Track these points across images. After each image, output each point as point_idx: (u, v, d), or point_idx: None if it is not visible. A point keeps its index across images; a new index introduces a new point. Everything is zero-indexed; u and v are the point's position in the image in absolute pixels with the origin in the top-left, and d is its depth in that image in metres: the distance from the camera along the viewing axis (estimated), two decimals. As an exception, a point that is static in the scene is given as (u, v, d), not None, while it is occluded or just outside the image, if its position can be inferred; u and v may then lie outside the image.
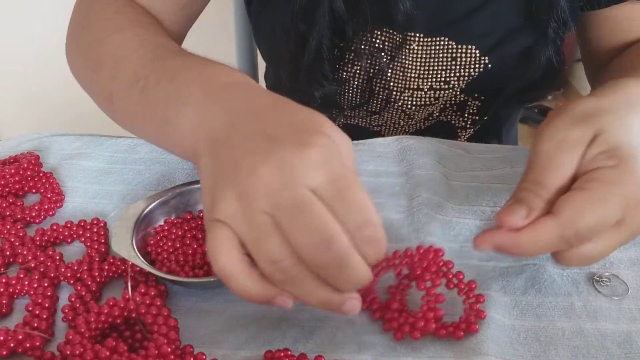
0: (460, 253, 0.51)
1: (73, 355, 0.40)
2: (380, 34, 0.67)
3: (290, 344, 0.43)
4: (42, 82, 1.62)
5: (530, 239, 0.40)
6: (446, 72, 0.69)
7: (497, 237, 0.41)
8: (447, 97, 0.71)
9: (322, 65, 0.66)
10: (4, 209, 0.55)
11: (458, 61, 0.68)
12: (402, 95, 0.71)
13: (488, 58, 0.67)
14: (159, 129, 0.46)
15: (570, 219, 0.39)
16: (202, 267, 0.48)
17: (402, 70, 0.69)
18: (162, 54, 0.49)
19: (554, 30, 0.64)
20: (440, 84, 0.70)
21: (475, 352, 0.42)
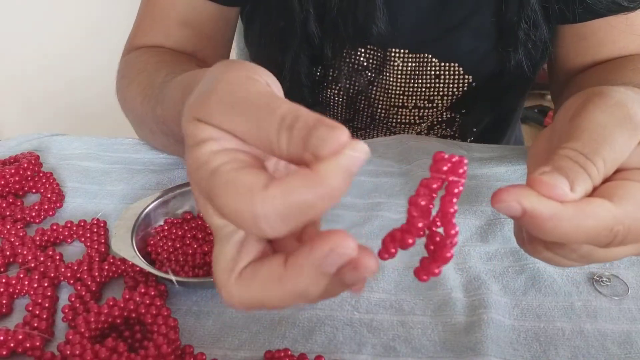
0: (461, 253, 0.51)
1: (73, 355, 0.40)
2: (364, 51, 0.66)
3: (290, 344, 0.43)
4: (44, 85, 1.63)
5: (576, 216, 0.30)
6: (430, 90, 0.68)
7: (533, 199, 0.30)
8: (433, 116, 0.71)
9: (300, 91, 0.66)
10: (4, 209, 0.55)
11: (442, 79, 0.67)
12: (387, 113, 0.70)
13: (472, 77, 0.67)
14: None
15: (628, 213, 0.30)
16: (202, 267, 0.48)
17: (386, 87, 0.69)
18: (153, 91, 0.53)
19: (524, 31, 0.62)
20: (425, 102, 0.69)
21: (475, 352, 0.42)
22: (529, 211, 0.30)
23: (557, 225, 0.30)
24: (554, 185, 0.30)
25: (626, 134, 0.32)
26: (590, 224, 0.30)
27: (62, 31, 1.56)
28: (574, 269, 0.50)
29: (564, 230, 0.30)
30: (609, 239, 0.31)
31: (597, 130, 0.32)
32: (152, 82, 0.54)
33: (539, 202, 0.30)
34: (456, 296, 0.47)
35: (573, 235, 0.30)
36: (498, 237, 0.53)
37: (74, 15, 1.54)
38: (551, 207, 0.30)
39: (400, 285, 0.48)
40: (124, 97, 0.61)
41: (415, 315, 0.46)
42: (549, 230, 0.30)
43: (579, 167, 0.31)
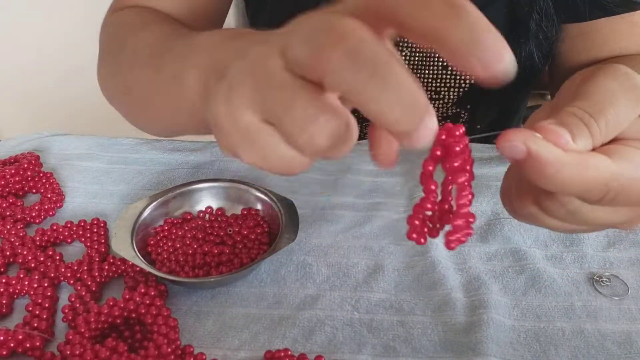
0: (461, 253, 0.51)
1: (73, 355, 0.40)
2: None
3: (290, 344, 0.43)
4: (40, 80, 1.63)
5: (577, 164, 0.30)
6: (437, 82, 0.68)
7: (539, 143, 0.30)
8: (439, 109, 0.71)
9: None
10: (4, 209, 0.55)
11: (449, 70, 0.67)
12: None
13: None
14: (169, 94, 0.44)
15: (630, 173, 0.31)
16: (202, 267, 0.48)
17: None
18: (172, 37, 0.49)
19: (536, 22, 0.62)
20: (431, 94, 0.69)
21: (475, 352, 0.42)
22: (533, 153, 0.30)
23: (558, 171, 0.30)
24: (558, 134, 0.31)
25: (631, 102, 0.32)
26: (590, 174, 0.31)
27: (57, 25, 1.55)
28: (574, 269, 0.50)
29: (563, 176, 0.30)
30: (601, 194, 0.31)
31: (604, 93, 0.33)
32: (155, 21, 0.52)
33: (544, 146, 0.30)
34: (456, 296, 0.47)
35: (570, 184, 0.31)
36: (498, 237, 0.53)
37: (71, 11, 1.54)
38: (555, 152, 0.30)
39: (400, 285, 0.48)
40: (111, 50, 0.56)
41: (415, 315, 0.46)
42: (549, 175, 0.30)
43: (583, 124, 0.32)
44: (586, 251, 0.51)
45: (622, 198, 0.32)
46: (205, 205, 0.54)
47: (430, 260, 0.50)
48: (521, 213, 0.36)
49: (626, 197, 0.32)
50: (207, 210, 0.54)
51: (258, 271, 0.49)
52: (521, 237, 0.53)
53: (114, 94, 0.59)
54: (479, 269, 0.49)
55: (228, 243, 0.50)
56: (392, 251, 0.51)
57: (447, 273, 0.49)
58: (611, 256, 0.51)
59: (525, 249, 0.51)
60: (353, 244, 0.52)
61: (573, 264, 0.50)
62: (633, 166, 0.32)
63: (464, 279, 0.48)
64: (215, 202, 0.54)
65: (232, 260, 0.49)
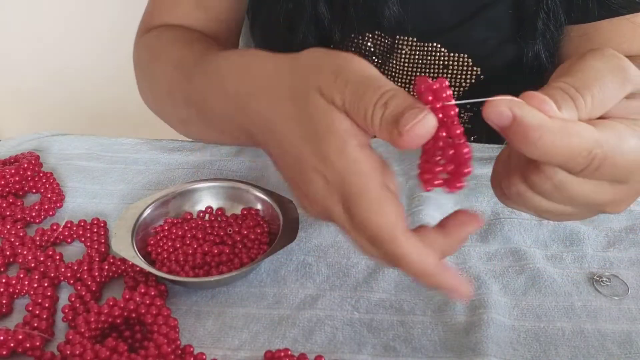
0: (461, 253, 0.51)
1: (73, 355, 0.40)
2: (372, 36, 0.66)
3: (290, 344, 0.43)
4: (40, 80, 1.63)
5: (561, 130, 0.31)
6: None
7: (524, 108, 0.31)
8: None
9: None
10: (4, 209, 0.55)
11: (450, 69, 0.67)
12: None
13: (480, 69, 0.67)
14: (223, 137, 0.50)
15: (614, 140, 0.32)
16: (202, 267, 0.48)
17: (392, 75, 0.68)
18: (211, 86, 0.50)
19: (543, 21, 0.62)
20: None
21: (475, 352, 0.42)
22: (517, 118, 0.31)
23: (542, 136, 0.31)
24: (543, 100, 0.31)
25: (617, 81, 0.33)
26: (573, 141, 0.31)
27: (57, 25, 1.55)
28: (574, 269, 0.50)
29: (547, 142, 0.31)
30: (585, 162, 0.32)
31: (591, 71, 0.33)
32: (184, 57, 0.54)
33: (528, 111, 0.31)
34: (456, 296, 0.47)
35: (554, 150, 0.31)
36: (498, 237, 0.53)
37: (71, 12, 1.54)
38: (539, 117, 0.31)
39: (400, 285, 0.48)
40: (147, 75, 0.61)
41: (415, 315, 0.46)
42: (533, 140, 0.31)
43: (568, 97, 0.32)
44: (586, 251, 0.51)
45: (607, 169, 0.32)
46: (205, 205, 0.54)
47: (430, 260, 0.50)
48: (509, 193, 0.36)
49: (611, 168, 0.32)
50: (207, 210, 0.54)
51: (258, 271, 0.49)
52: (521, 237, 0.53)
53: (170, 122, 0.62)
54: (479, 269, 0.49)
55: (228, 243, 0.50)
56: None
57: (447, 273, 0.48)
58: (611, 256, 0.51)
59: (525, 249, 0.51)
60: (353, 244, 0.52)
61: (573, 264, 0.50)
62: (617, 135, 0.32)
63: (464, 279, 0.48)
64: (215, 202, 0.54)
65: (232, 260, 0.49)
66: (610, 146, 0.32)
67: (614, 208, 0.36)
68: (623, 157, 0.32)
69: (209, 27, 0.66)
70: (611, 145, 0.32)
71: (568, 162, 0.32)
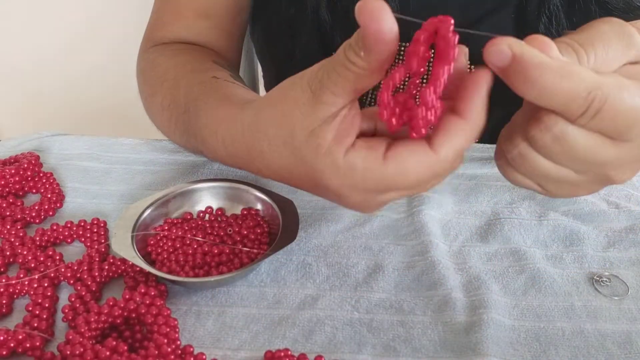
0: (461, 253, 0.51)
1: (73, 355, 0.40)
2: None
3: (290, 344, 0.43)
4: (40, 80, 1.63)
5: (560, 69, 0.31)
6: None
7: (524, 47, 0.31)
8: None
9: None
10: (4, 209, 0.55)
11: None
12: None
13: None
14: None
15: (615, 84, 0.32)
16: (202, 267, 0.48)
17: None
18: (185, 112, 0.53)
19: (545, 26, 0.62)
20: None
21: (475, 352, 0.42)
22: (517, 56, 0.31)
23: (541, 74, 0.31)
24: (546, 43, 0.32)
25: (622, 44, 0.33)
26: (573, 80, 0.31)
27: (60, 28, 1.56)
28: (574, 269, 0.50)
29: (546, 81, 0.31)
30: (585, 104, 0.31)
31: (597, 32, 0.34)
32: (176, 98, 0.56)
33: (528, 50, 0.31)
34: (456, 296, 0.47)
35: (553, 90, 0.31)
36: (498, 237, 0.53)
37: (71, 12, 1.54)
38: (539, 56, 0.31)
39: (400, 285, 0.48)
40: (148, 105, 0.62)
41: (415, 315, 0.46)
42: (533, 78, 0.31)
43: (571, 50, 0.33)
44: (586, 251, 0.51)
45: (607, 115, 0.32)
46: (205, 205, 0.54)
47: (430, 260, 0.50)
48: (511, 157, 0.36)
49: (611, 114, 0.32)
50: (207, 210, 0.54)
51: (258, 271, 0.49)
52: (521, 237, 0.53)
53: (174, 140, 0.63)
54: (479, 269, 0.49)
55: (228, 243, 0.50)
56: (392, 251, 0.51)
57: (447, 273, 0.49)
58: (611, 256, 0.51)
59: (525, 249, 0.51)
60: (353, 243, 0.52)
61: (573, 264, 0.50)
62: (618, 83, 0.32)
63: (464, 279, 0.48)
64: (215, 202, 0.54)
65: (232, 260, 0.49)
66: (610, 89, 0.31)
67: (618, 174, 0.36)
68: (623, 104, 0.32)
69: (211, 38, 0.66)
70: (611, 89, 0.31)
71: (567, 103, 0.32)
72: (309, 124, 0.35)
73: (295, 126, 0.36)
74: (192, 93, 0.55)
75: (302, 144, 0.36)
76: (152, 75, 0.62)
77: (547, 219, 0.54)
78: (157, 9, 0.68)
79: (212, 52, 0.65)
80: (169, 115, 0.57)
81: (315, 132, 0.35)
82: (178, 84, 0.57)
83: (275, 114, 0.39)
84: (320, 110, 0.35)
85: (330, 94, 0.34)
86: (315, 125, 0.35)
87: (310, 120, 0.35)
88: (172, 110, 0.57)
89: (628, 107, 0.32)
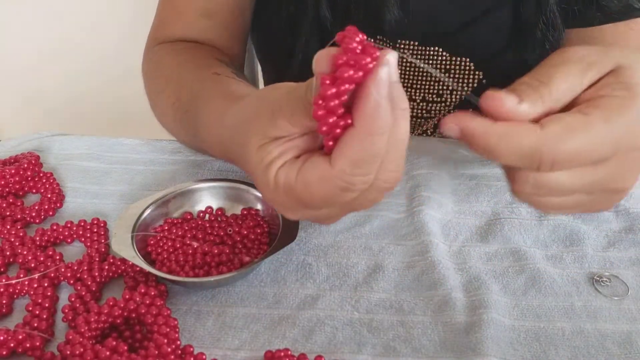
0: (461, 253, 0.51)
1: (73, 355, 0.40)
2: (373, 41, 0.65)
3: (290, 344, 0.43)
4: (40, 81, 1.63)
5: (504, 133, 0.33)
6: (439, 84, 0.68)
7: (468, 121, 0.34)
8: (441, 112, 0.70)
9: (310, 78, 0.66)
10: (4, 209, 0.55)
11: (452, 73, 0.67)
12: None
13: (483, 73, 0.67)
14: None
15: (558, 133, 0.33)
16: (202, 267, 0.48)
17: None
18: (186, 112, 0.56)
19: (542, 31, 0.62)
20: (433, 97, 0.69)
21: (475, 352, 0.42)
22: (463, 130, 0.34)
23: (487, 141, 0.33)
24: (500, 99, 0.34)
25: (578, 71, 0.35)
26: (520, 140, 0.33)
27: (59, 26, 1.56)
28: (574, 269, 0.50)
29: (495, 146, 0.33)
30: (536, 161, 0.33)
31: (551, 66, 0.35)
32: (180, 97, 0.57)
33: (471, 121, 0.34)
34: (456, 296, 0.47)
35: (502, 153, 0.34)
36: (498, 237, 0.53)
37: (71, 12, 1.54)
38: (482, 124, 0.34)
39: (400, 285, 0.48)
40: (155, 104, 0.63)
41: (415, 315, 0.46)
42: (481, 145, 0.34)
43: (531, 89, 0.35)
44: (586, 251, 0.51)
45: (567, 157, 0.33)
46: (205, 205, 0.54)
47: (430, 260, 0.50)
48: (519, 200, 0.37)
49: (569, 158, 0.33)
50: (207, 210, 0.54)
51: (258, 271, 0.49)
52: (521, 237, 0.53)
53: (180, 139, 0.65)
54: (479, 269, 0.49)
55: (228, 243, 0.50)
56: (392, 251, 0.51)
57: (447, 273, 0.49)
58: (611, 256, 0.51)
59: (525, 249, 0.51)
60: (353, 243, 0.52)
61: (573, 264, 0.50)
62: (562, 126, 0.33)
63: (464, 279, 0.48)
64: (215, 202, 0.54)
65: (232, 260, 0.49)
66: (554, 143, 0.33)
67: (619, 183, 0.36)
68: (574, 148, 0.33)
69: (213, 37, 0.66)
70: (555, 142, 0.33)
71: (520, 161, 0.34)
72: (260, 139, 0.37)
73: (252, 137, 0.37)
74: (193, 91, 0.55)
75: (251, 155, 0.37)
76: (157, 75, 0.63)
77: (547, 219, 0.54)
78: (161, 8, 0.69)
79: (215, 50, 0.65)
80: (173, 115, 0.58)
81: (263, 147, 0.36)
82: (181, 82, 0.58)
83: (242, 118, 0.40)
84: (272, 131, 0.36)
85: (286, 121, 0.35)
86: (264, 142, 0.36)
87: (261, 137, 0.36)
88: (176, 109, 0.57)
89: (580, 149, 0.33)
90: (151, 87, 0.64)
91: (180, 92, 0.57)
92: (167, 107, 0.59)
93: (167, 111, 0.59)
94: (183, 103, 0.56)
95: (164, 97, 0.60)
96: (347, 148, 0.32)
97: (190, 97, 0.55)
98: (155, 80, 0.63)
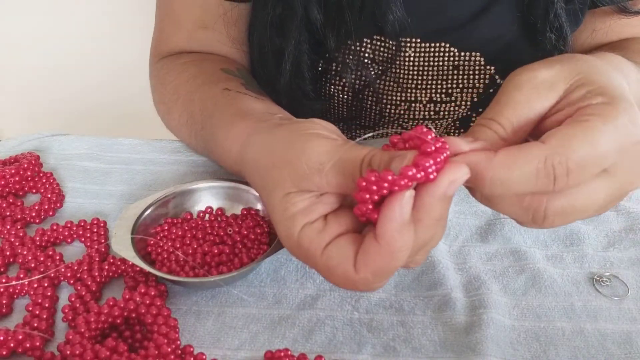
0: (461, 253, 0.51)
1: (73, 355, 0.40)
2: (370, 42, 0.62)
3: (290, 344, 0.43)
4: (40, 80, 1.63)
5: (506, 161, 0.33)
6: (447, 83, 0.64)
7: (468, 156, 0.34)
8: (451, 112, 0.66)
9: (302, 84, 0.62)
10: (4, 209, 0.55)
11: (461, 70, 0.63)
12: (397, 109, 0.66)
13: (494, 68, 0.63)
14: None
15: (560, 145, 0.33)
16: (202, 267, 0.48)
17: (396, 80, 0.64)
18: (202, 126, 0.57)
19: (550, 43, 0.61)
20: (442, 96, 0.65)
21: (475, 352, 0.42)
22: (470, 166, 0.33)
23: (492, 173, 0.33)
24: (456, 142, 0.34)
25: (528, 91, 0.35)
26: (524, 164, 0.32)
27: (62, 27, 1.56)
28: (574, 269, 0.50)
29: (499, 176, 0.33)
30: (550, 173, 0.32)
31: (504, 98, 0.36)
32: (193, 114, 0.57)
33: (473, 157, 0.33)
34: (456, 296, 0.47)
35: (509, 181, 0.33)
36: (498, 237, 0.53)
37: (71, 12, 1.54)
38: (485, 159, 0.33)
39: (400, 285, 0.48)
40: (167, 123, 0.64)
41: (415, 315, 0.46)
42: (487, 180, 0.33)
43: (486, 128, 0.35)
44: (586, 251, 0.51)
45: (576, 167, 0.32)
46: (205, 205, 0.54)
47: (430, 260, 0.50)
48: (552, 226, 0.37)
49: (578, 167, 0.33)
50: (207, 210, 0.54)
51: (258, 271, 0.49)
52: (521, 237, 0.53)
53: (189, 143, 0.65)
54: (479, 269, 0.49)
55: (228, 243, 0.50)
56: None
57: (447, 273, 0.49)
58: (611, 256, 0.51)
59: (525, 249, 0.51)
60: (353, 244, 0.52)
61: (573, 264, 0.50)
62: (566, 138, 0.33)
63: (464, 279, 0.48)
64: (215, 202, 0.54)
65: (232, 260, 0.49)
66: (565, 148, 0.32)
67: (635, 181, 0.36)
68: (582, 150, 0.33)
69: (214, 46, 0.65)
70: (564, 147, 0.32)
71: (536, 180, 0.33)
72: (288, 188, 0.36)
73: (278, 182, 0.37)
74: (206, 109, 0.55)
75: (274, 199, 0.37)
76: (165, 92, 0.62)
77: (547, 219, 0.54)
78: (159, 22, 0.68)
79: (219, 58, 0.64)
80: (188, 132, 0.59)
81: (289, 196, 0.36)
82: (192, 99, 0.58)
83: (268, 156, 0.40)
84: (304, 184, 0.36)
85: (324, 182, 0.35)
86: (292, 191, 0.36)
87: (289, 185, 0.36)
88: (190, 126, 0.58)
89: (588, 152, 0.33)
90: (160, 106, 0.64)
91: (192, 110, 0.57)
92: (181, 125, 0.60)
93: (181, 129, 0.60)
94: (197, 121, 0.56)
95: (176, 115, 0.60)
96: (372, 262, 0.34)
97: (204, 115, 0.55)
98: (164, 99, 0.63)
